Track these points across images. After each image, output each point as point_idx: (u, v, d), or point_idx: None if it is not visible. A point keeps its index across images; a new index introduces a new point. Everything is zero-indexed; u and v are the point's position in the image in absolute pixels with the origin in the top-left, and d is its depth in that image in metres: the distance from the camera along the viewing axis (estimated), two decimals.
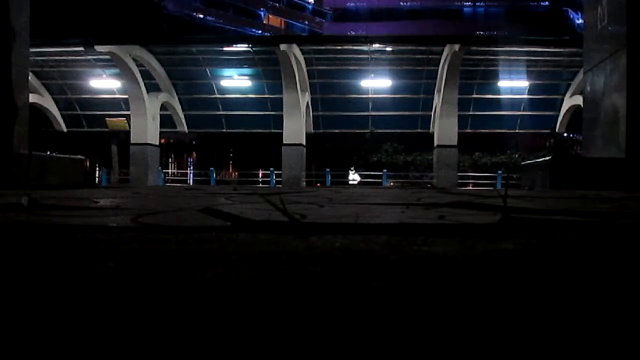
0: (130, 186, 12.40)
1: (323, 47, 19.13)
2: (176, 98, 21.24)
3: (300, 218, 2.09)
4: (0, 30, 6.88)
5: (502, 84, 20.31)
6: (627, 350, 0.65)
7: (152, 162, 19.90)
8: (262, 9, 54.67)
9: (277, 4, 55.62)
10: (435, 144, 19.44)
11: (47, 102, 21.76)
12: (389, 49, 18.91)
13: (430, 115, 20.64)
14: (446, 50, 17.90)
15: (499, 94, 20.83)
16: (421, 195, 4.80)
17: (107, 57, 18.52)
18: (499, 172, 19.80)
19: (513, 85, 20.36)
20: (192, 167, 29.03)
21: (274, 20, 55.29)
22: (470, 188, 16.08)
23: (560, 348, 0.65)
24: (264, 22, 54.81)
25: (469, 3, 56.34)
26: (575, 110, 19.15)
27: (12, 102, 6.98)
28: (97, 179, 24.38)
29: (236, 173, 27.98)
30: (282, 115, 18.94)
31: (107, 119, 22.03)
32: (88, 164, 22.93)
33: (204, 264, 1.17)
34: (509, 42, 19.57)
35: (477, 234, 1.69)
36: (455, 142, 18.33)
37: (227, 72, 21.02)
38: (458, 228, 1.92)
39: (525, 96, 20.82)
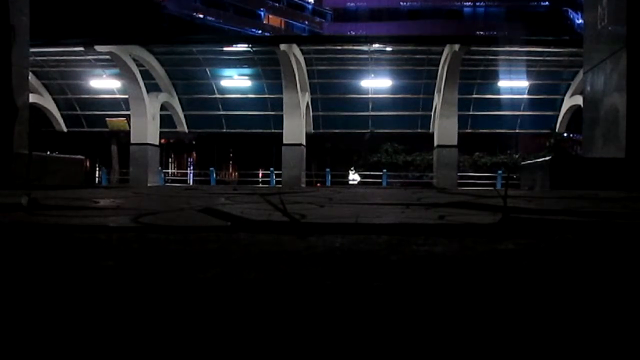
0: (130, 186, 12.40)
1: (323, 47, 19.11)
2: (176, 98, 21.23)
3: (300, 218, 2.09)
4: (0, 30, 6.88)
5: (502, 84, 20.29)
6: (627, 350, 0.65)
7: (152, 162, 19.87)
8: (262, 9, 54.64)
9: (277, 4, 55.58)
10: (435, 144, 19.43)
11: (47, 102, 21.74)
12: (389, 49, 18.90)
13: (430, 115, 20.63)
14: (446, 50, 17.89)
15: (498, 94, 20.82)
16: (421, 195, 4.80)
17: (107, 57, 18.51)
18: (499, 172, 19.79)
19: (513, 85, 20.34)
20: (192, 167, 29.04)
21: (274, 20, 55.25)
22: (470, 188, 16.10)
23: (559, 348, 0.65)
24: (264, 22, 54.78)
25: (469, 3, 56.29)
26: (575, 110, 19.14)
27: (12, 102, 6.98)
28: (97, 179, 24.38)
29: (236, 173, 27.99)
30: (282, 115, 18.93)
31: (107, 119, 22.02)
32: (88, 164, 22.93)
33: (204, 264, 1.17)
34: (509, 42, 19.54)
35: (478, 234, 1.69)
36: (455, 142, 18.31)
37: (227, 72, 21.00)
38: (458, 228, 1.92)
39: (525, 96, 20.80)
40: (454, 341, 0.67)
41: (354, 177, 22.42)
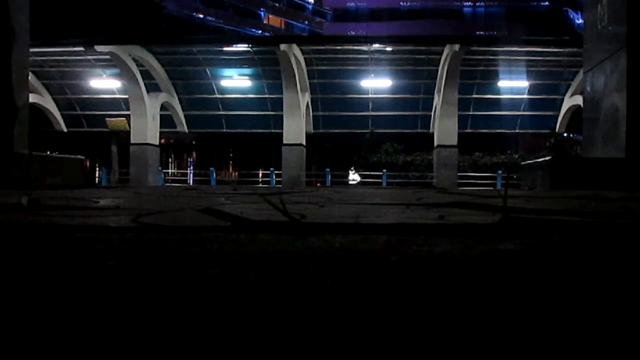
0: (130, 186, 12.40)
1: (323, 47, 19.13)
2: (176, 98, 21.24)
3: (300, 218, 2.09)
4: (0, 30, 6.88)
5: (502, 84, 20.31)
6: (627, 350, 0.65)
7: (152, 162, 19.88)
8: (262, 9, 54.64)
9: (277, 4, 55.59)
10: (435, 144, 19.43)
11: (47, 102, 21.75)
12: (389, 49, 18.91)
13: (430, 115, 20.63)
14: (446, 50, 17.90)
15: (498, 94, 20.83)
16: (421, 195, 4.80)
17: (107, 57, 18.52)
18: (499, 172, 19.78)
19: (513, 85, 20.36)
20: (192, 167, 29.03)
21: (274, 20, 55.26)
22: (470, 188, 16.09)
23: (559, 348, 0.65)
24: (264, 22, 54.79)
25: (469, 3, 56.31)
26: (575, 110, 19.15)
27: (12, 102, 6.98)
28: (97, 179, 24.37)
29: (236, 173, 27.98)
30: (282, 115, 18.94)
31: (107, 119, 22.03)
32: (88, 164, 22.93)
33: (204, 264, 1.17)
34: (509, 42, 19.57)
35: (477, 234, 1.69)
36: (455, 142, 18.32)
37: (227, 72, 21.02)
38: (458, 228, 1.92)
39: (525, 96, 20.81)
40: (454, 342, 0.67)
41: (354, 177, 22.42)
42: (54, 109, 22.15)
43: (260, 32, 51.92)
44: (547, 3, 53.62)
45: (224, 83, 21.16)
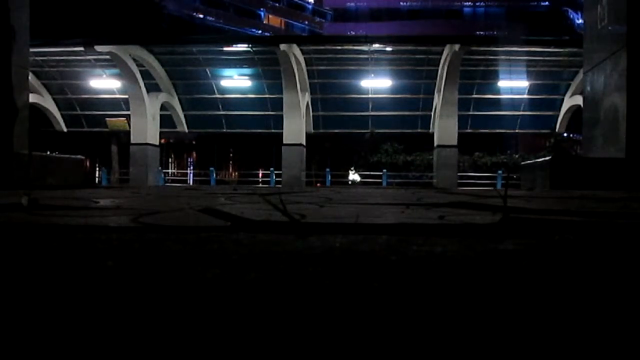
0: (130, 186, 12.40)
1: (323, 47, 19.12)
2: (176, 98, 21.23)
3: (300, 218, 2.09)
4: (0, 30, 6.88)
5: (502, 84, 20.30)
6: (627, 350, 0.65)
7: (152, 162, 19.88)
8: (262, 9, 54.66)
9: (277, 4, 55.61)
10: (435, 144, 19.43)
11: (47, 102, 21.74)
12: (389, 49, 18.90)
13: (430, 115, 20.63)
14: (446, 50, 17.89)
15: (499, 94, 20.82)
16: (421, 195, 4.80)
17: (107, 57, 18.51)
18: (499, 172, 19.79)
19: (513, 85, 20.35)
20: (192, 167, 29.06)
21: (274, 20, 55.28)
22: (470, 188, 16.06)
23: (559, 349, 0.65)
24: (264, 22, 54.81)
25: (469, 3, 56.33)
26: (575, 110, 19.15)
27: (12, 102, 6.99)
28: (97, 179, 24.38)
29: (236, 173, 28.01)
30: (282, 115, 18.93)
31: (107, 119, 22.02)
32: (88, 164, 22.94)
33: (204, 264, 1.17)
34: (509, 42, 19.54)
35: (477, 234, 1.69)
36: (455, 142, 18.32)
37: (227, 72, 21.00)
38: (458, 228, 1.92)
39: (525, 96, 20.80)
40: (453, 342, 0.67)
41: (354, 177, 22.43)
42: (54, 109, 22.14)
43: (260, 32, 51.93)
44: (547, 3, 53.64)
45: (224, 83, 21.15)
